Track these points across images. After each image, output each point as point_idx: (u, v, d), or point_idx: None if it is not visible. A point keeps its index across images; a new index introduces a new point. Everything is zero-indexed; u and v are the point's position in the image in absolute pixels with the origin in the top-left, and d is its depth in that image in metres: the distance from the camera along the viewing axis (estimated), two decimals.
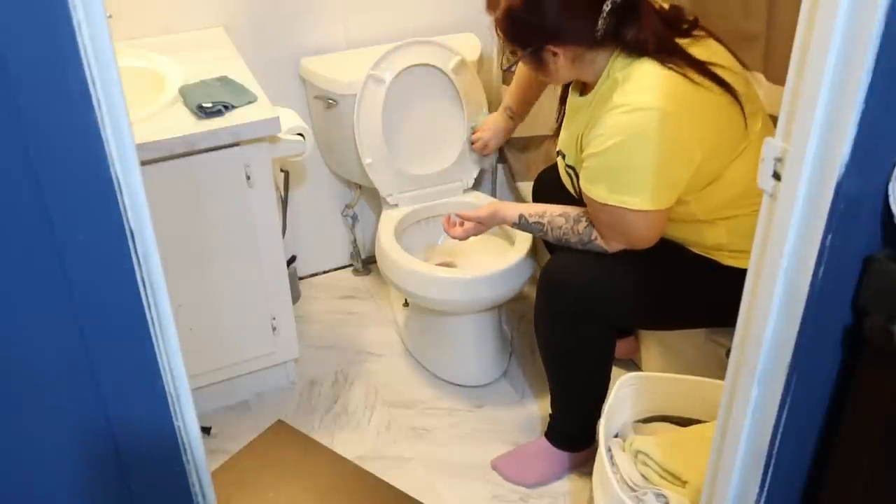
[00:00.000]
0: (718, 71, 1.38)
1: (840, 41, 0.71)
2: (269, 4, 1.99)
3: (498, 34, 1.49)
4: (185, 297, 1.68)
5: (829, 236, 0.78)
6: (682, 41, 1.42)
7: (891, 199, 0.78)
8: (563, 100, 1.63)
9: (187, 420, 0.89)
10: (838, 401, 0.90)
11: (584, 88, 1.52)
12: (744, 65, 1.47)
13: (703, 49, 1.42)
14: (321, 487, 1.73)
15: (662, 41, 1.39)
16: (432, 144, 2.09)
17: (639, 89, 1.36)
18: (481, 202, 2.07)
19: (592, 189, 1.43)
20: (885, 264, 0.80)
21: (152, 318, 0.80)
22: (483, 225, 1.70)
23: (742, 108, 1.39)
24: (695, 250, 1.52)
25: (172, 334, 0.83)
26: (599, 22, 1.36)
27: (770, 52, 1.61)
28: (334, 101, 2.01)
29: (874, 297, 0.81)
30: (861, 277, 0.82)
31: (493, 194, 2.41)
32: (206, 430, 1.84)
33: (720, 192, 1.43)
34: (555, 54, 1.42)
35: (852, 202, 0.77)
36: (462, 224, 1.73)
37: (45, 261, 0.73)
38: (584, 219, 1.50)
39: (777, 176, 0.81)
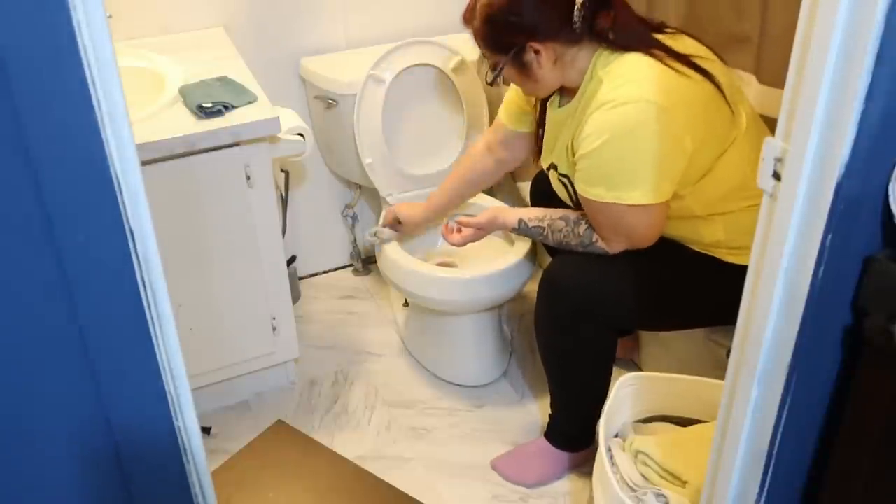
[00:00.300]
0: (699, 61, 1.39)
1: (840, 40, 0.71)
2: (269, 4, 1.99)
3: (479, 44, 1.50)
4: (185, 297, 1.68)
5: (829, 236, 0.78)
6: (657, 36, 1.43)
7: (891, 200, 0.78)
8: (541, 123, 1.62)
9: (187, 420, 0.89)
10: (838, 401, 0.90)
11: (563, 97, 1.52)
12: (723, 60, 1.47)
13: (679, 43, 1.43)
14: (321, 487, 1.73)
15: (639, 33, 1.41)
16: (432, 144, 2.09)
17: (624, 83, 1.36)
18: (481, 202, 2.07)
19: (589, 190, 1.43)
20: (885, 264, 0.80)
21: (152, 318, 0.80)
22: (482, 230, 1.70)
23: (725, 97, 1.39)
24: (694, 248, 1.53)
25: (172, 334, 0.83)
26: (575, 13, 1.37)
27: (762, 54, 1.61)
28: (334, 101, 2.01)
29: (874, 297, 0.81)
30: (861, 277, 0.82)
31: (493, 194, 2.40)
32: (206, 430, 1.84)
33: (714, 185, 1.43)
34: (537, 52, 1.42)
35: (852, 202, 0.77)
36: (460, 230, 1.73)
37: (45, 261, 0.73)
38: (584, 221, 1.50)
39: (777, 176, 0.81)
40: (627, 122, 1.34)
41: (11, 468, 0.83)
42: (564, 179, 1.54)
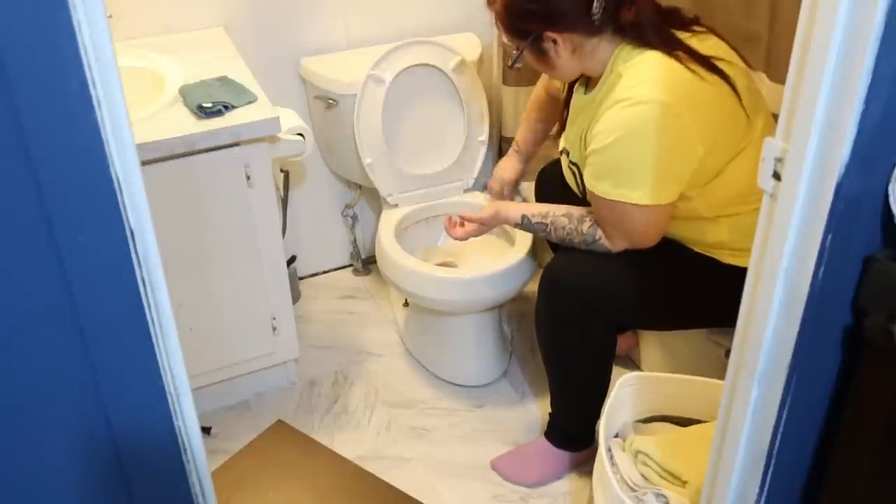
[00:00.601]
0: (719, 64, 1.39)
1: (840, 40, 0.71)
2: (269, 4, 1.99)
3: (499, 28, 1.51)
4: (185, 297, 1.68)
5: (829, 236, 0.78)
6: (681, 34, 1.43)
7: (891, 200, 0.78)
8: (566, 103, 1.63)
9: (187, 420, 0.89)
10: (838, 401, 0.90)
11: (588, 85, 1.53)
12: (748, 63, 1.47)
13: (703, 43, 1.43)
14: (321, 487, 1.73)
15: (658, 29, 1.40)
16: (432, 144, 2.09)
17: (641, 82, 1.36)
18: (481, 202, 2.07)
19: (597, 185, 1.43)
20: (885, 264, 0.80)
21: (152, 318, 0.80)
22: (485, 226, 1.70)
23: (741, 102, 1.39)
24: (696, 249, 1.53)
25: (172, 334, 0.83)
26: (594, 5, 1.37)
27: (772, 51, 1.61)
28: (334, 101, 2.01)
29: (874, 297, 0.81)
30: (861, 277, 0.82)
31: None
32: (206, 430, 1.84)
33: (723, 188, 1.43)
34: (554, 42, 1.43)
35: (852, 202, 0.77)
36: (463, 224, 1.73)
37: (44, 261, 0.73)
38: (587, 219, 1.50)
39: (777, 176, 0.81)
40: (640, 121, 1.34)
41: (11, 468, 0.83)
42: (574, 168, 1.54)
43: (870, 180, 0.77)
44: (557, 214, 1.55)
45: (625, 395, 1.52)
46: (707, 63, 1.38)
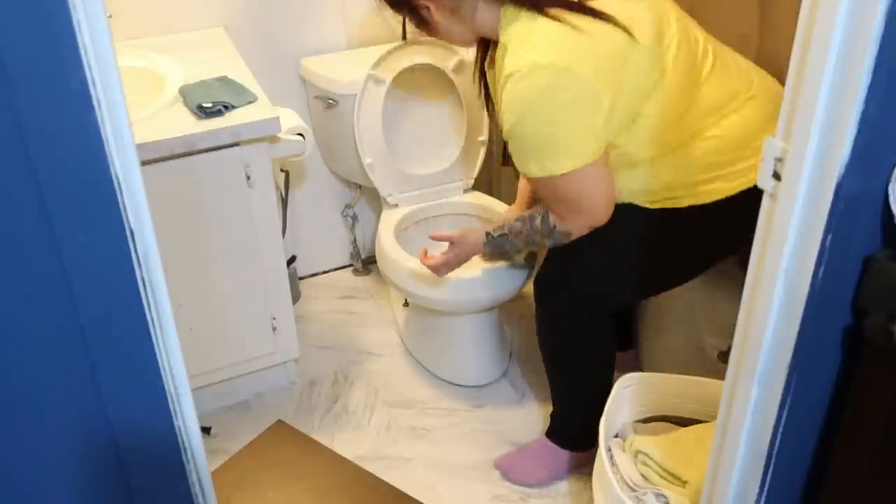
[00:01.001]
0: (607, 7, 1.35)
1: (840, 40, 0.71)
2: (269, 4, 1.99)
3: (381, 4, 1.51)
4: (185, 297, 1.68)
5: (829, 236, 0.78)
6: None
7: (891, 200, 0.78)
8: (482, 73, 1.60)
9: (187, 420, 0.89)
10: (838, 401, 0.90)
11: (492, 60, 1.50)
12: None
13: None
14: (321, 487, 1.73)
15: None
16: (432, 144, 2.09)
17: (524, 52, 1.33)
18: (481, 202, 2.08)
19: (523, 167, 1.41)
20: (885, 264, 0.80)
21: (152, 318, 0.80)
22: (456, 247, 1.67)
23: (633, 36, 1.34)
24: (651, 206, 1.49)
25: (172, 334, 0.83)
26: None
27: (762, 51, 1.61)
28: (334, 101, 2.01)
29: (874, 297, 0.81)
30: (861, 277, 0.82)
31: (490, 193, 2.41)
32: (206, 430, 1.84)
33: (648, 126, 1.40)
34: (427, 8, 1.42)
35: (852, 202, 0.77)
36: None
37: (45, 261, 0.73)
38: (536, 214, 1.50)
39: (777, 176, 0.81)
40: (533, 93, 1.31)
41: (12, 468, 0.83)
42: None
43: (870, 180, 0.77)
44: (512, 221, 1.56)
45: (625, 395, 1.52)
46: (584, 10, 1.34)
